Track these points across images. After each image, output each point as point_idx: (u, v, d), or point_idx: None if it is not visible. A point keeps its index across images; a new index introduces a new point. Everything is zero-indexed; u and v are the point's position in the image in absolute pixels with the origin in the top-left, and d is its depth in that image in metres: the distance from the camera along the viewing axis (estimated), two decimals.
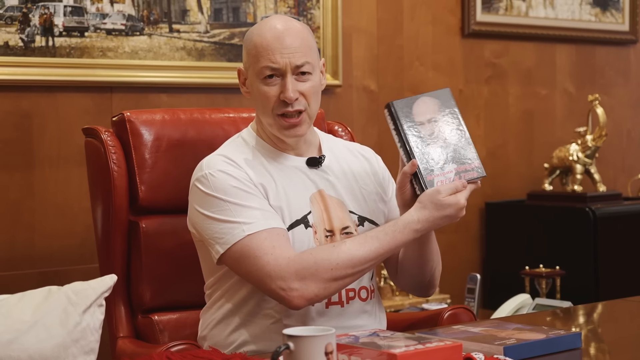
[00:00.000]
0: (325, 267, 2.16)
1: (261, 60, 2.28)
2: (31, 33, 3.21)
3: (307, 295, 2.16)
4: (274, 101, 2.28)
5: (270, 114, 2.30)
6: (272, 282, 2.17)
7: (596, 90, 4.63)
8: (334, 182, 2.39)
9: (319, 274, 2.16)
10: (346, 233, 2.35)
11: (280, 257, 2.17)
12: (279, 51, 2.27)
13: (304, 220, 2.30)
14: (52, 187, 3.28)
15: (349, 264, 2.17)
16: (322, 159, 2.40)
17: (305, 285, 2.16)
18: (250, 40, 2.33)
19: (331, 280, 2.17)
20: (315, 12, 3.79)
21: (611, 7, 4.72)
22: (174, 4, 3.50)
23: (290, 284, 2.16)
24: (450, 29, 4.25)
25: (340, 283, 2.19)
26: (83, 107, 3.33)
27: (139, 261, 2.59)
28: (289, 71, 2.27)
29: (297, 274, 2.16)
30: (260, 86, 2.30)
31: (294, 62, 2.28)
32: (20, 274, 3.19)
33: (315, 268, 2.16)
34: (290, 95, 2.26)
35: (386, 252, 2.20)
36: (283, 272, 2.16)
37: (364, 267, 2.19)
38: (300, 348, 1.72)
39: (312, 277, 2.16)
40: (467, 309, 2.64)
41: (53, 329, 1.86)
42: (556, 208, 4.16)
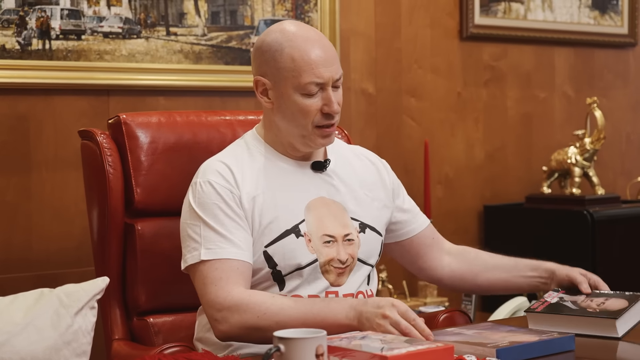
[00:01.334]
0: (254, 312, 2.16)
1: (305, 75, 2.25)
2: (28, 36, 3.21)
3: (225, 329, 2.18)
4: (314, 114, 2.28)
5: (308, 126, 2.29)
6: (208, 309, 2.22)
7: (595, 93, 4.62)
8: (338, 187, 2.39)
9: (246, 315, 2.16)
10: (348, 240, 2.35)
11: (222, 290, 2.19)
12: (322, 65, 2.26)
13: (295, 230, 2.29)
14: (49, 190, 3.28)
15: (274, 318, 2.14)
16: (328, 163, 2.40)
17: (230, 318, 2.17)
18: (281, 51, 2.28)
19: (253, 328, 2.15)
20: (313, 15, 3.80)
21: (610, 10, 4.72)
22: (172, 7, 3.50)
23: (219, 314, 2.18)
24: (448, 32, 4.25)
25: (261, 334, 2.15)
26: (80, 110, 3.33)
27: (135, 263, 2.59)
28: (330, 84, 2.28)
29: (228, 309, 2.18)
30: (299, 99, 2.28)
31: (335, 75, 2.29)
32: (16, 277, 3.19)
33: (245, 309, 2.17)
34: (336, 109, 2.28)
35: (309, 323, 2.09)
36: (218, 304, 2.19)
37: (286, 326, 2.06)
38: (291, 350, 1.72)
39: (240, 313, 2.17)
40: (463, 312, 2.64)
41: (45, 331, 1.86)
42: (554, 211, 4.16)
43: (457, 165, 4.29)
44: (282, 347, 1.73)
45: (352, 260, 2.34)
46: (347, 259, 2.32)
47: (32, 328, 1.86)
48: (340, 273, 2.32)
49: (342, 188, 2.38)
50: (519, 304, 3.59)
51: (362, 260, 2.36)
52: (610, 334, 2.17)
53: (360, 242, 2.36)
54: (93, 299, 1.96)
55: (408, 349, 1.83)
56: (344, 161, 2.45)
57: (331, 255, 2.30)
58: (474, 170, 4.34)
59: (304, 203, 2.33)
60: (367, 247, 2.38)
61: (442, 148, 4.23)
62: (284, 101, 2.30)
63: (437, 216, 4.10)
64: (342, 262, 2.32)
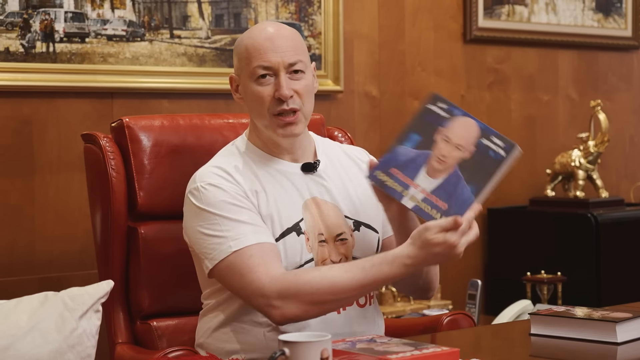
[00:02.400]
0: (307, 291, 2.14)
1: (253, 60, 2.28)
2: (32, 39, 3.21)
3: (287, 315, 2.16)
4: (268, 101, 2.28)
5: (265, 114, 2.29)
6: (255, 299, 2.18)
7: (599, 96, 4.62)
8: (330, 187, 2.38)
9: (300, 296, 2.15)
10: (341, 239, 2.34)
11: (264, 276, 2.16)
12: (271, 50, 2.28)
13: (296, 228, 2.29)
14: (53, 193, 3.28)
15: (329, 290, 2.14)
16: (317, 164, 2.39)
17: (286, 305, 2.15)
18: (241, 44, 2.34)
19: (311, 304, 2.15)
20: (316, 17, 3.79)
21: (614, 13, 4.72)
22: (175, 10, 3.51)
23: (272, 302, 2.15)
24: (452, 34, 4.25)
25: (321, 308, 2.17)
26: (84, 113, 3.33)
27: (138, 267, 2.59)
28: (282, 69, 2.28)
29: (279, 293, 2.15)
30: (253, 87, 2.30)
31: (287, 60, 2.28)
32: (20, 280, 3.19)
33: (297, 289, 2.15)
34: (285, 92, 2.27)
35: (371, 283, 2.15)
36: (266, 291, 2.15)
37: (346, 295, 2.16)
38: (296, 354, 1.72)
39: (293, 298, 2.15)
40: (467, 315, 2.63)
41: (49, 335, 1.86)
42: (558, 214, 4.15)
43: None
44: (287, 350, 1.73)
45: (345, 260, 2.33)
46: (340, 259, 2.32)
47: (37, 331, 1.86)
48: None
49: (334, 188, 2.38)
50: (523, 307, 3.59)
51: (356, 258, 2.35)
52: (610, 339, 2.16)
53: (355, 241, 2.36)
54: (97, 303, 1.96)
55: (413, 352, 1.83)
56: (335, 161, 2.44)
57: (324, 256, 2.31)
58: None
59: (300, 202, 2.33)
60: (363, 245, 2.37)
61: None
62: (246, 93, 2.34)
63: None
64: (335, 263, 2.31)
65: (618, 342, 2.15)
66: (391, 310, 3.67)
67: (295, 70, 2.29)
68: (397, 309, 3.72)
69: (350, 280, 2.14)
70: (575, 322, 2.22)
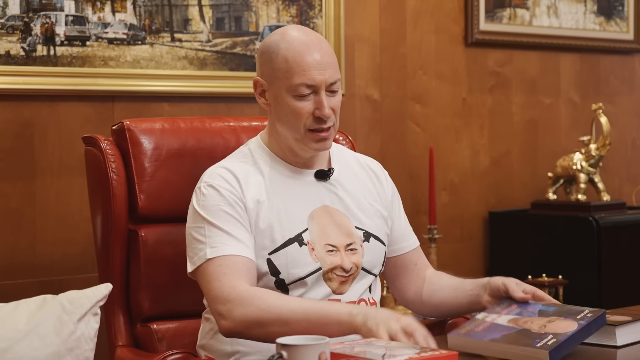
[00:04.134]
0: (257, 305, 2.13)
1: (296, 77, 2.25)
2: (33, 42, 3.22)
3: (228, 323, 2.15)
4: (306, 117, 2.27)
5: (300, 129, 2.28)
6: (212, 305, 2.19)
7: (601, 99, 4.62)
8: (342, 196, 2.38)
9: (249, 309, 2.13)
10: (351, 249, 2.34)
11: (226, 285, 2.17)
12: (314, 67, 2.26)
13: (298, 239, 2.29)
14: (54, 196, 3.29)
15: (276, 312, 2.11)
16: (331, 172, 2.39)
17: (233, 314, 2.14)
18: (277, 52, 2.29)
19: (256, 322, 2.12)
20: (317, 21, 3.80)
21: (615, 16, 4.72)
22: (176, 13, 3.51)
23: (223, 309, 2.15)
24: (453, 38, 4.25)
25: (264, 330, 2.12)
26: (85, 117, 3.34)
27: (138, 270, 2.59)
28: (324, 88, 2.27)
29: (232, 302, 2.15)
30: (292, 102, 2.28)
31: (329, 79, 2.27)
32: (21, 283, 3.19)
33: (249, 303, 2.14)
34: (327, 113, 2.26)
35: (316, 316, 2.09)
36: (222, 299, 2.16)
37: (289, 329, 2.06)
38: (294, 357, 1.72)
39: (242, 309, 2.13)
40: (468, 319, 2.62)
41: (47, 338, 1.87)
42: (560, 217, 4.15)
43: (462, 172, 4.29)
44: (284, 354, 1.73)
45: (356, 269, 2.33)
46: (351, 267, 2.32)
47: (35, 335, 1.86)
48: (343, 281, 2.31)
49: (346, 197, 2.38)
50: None
51: (365, 269, 2.36)
52: (610, 342, 2.16)
53: (365, 252, 2.36)
54: (96, 306, 1.96)
55: (410, 355, 1.83)
56: (348, 170, 2.44)
57: (335, 263, 2.30)
58: (479, 176, 4.33)
59: (307, 212, 2.32)
60: (371, 257, 2.38)
61: (447, 154, 4.23)
62: (279, 103, 2.31)
63: (442, 222, 4.11)
64: (346, 271, 2.31)
65: (618, 345, 2.15)
66: None
67: (333, 89, 2.29)
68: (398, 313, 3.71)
69: (300, 306, 2.12)
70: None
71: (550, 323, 2.09)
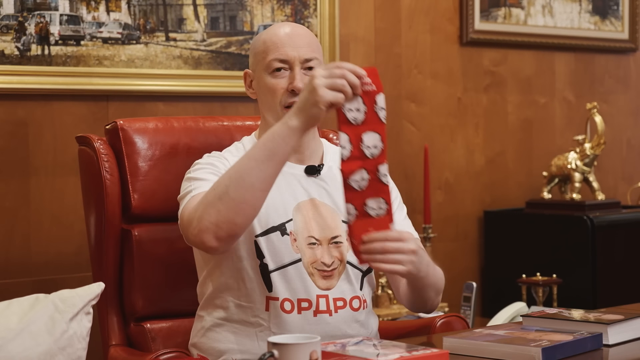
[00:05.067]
0: (209, 191, 2.14)
1: (270, 54, 2.34)
2: (27, 42, 3.22)
3: (203, 226, 2.12)
4: (281, 93, 2.33)
5: (277, 106, 2.33)
6: (186, 228, 2.19)
7: (596, 98, 4.62)
8: (330, 191, 2.39)
9: (206, 200, 2.13)
10: (335, 243, 2.34)
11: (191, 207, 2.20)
12: (288, 44, 2.34)
13: (281, 228, 2.30)
14: (48, 196, 3.29)
15: (227, 175, 2.13)
16: (321, 167, 2.40)
17: (200, 218, 2.13)
18: (258, 40, 2.40)
19: (216, 200, 2.10)
20: (312, 20, 3.80)
21: (610, 16, 4.72)
22: (171, 13, 3.51)
23: (192, 222, 2.15)
24: (448, 37, 4.25)
25: (226, 199, 2.09)
26: (79, 116, 3.34)
27: (132, 269, 2.59)
28: (298, 64, 2.33)
29: (195, 212, 2.15)
30: (268, 79, 2.35)
31: (303, 55, 2.34)
32: (15, 282, 3.19)
33: (204, 197, 2.15)
34: (299, 85, 2.30)
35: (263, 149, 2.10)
36: (192, 216, 2.16)
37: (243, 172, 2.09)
38: (285, 356, 1.72)
39: (202, 206, 2.13)
40: (460, 317, 2.63)
41: (40, 337, 1.86)
42: (555, 216, 4.15)
43: (457, 171, 4.29)
44: (275, 352, 1.73)
45: (339, 263, 2.33)
46: (332, 261, 2.32)
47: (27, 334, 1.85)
48: (327, 276, 2.31)
49: (335, 192, 2.38)
50: (518, 309, 3.59)
51: (352, 263, 2.35)
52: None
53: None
54: (88, 305, 1.96)
55: (402, 354, 1.83)
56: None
57: (314, 257, 2.31)
58: (474, 175, 4.34)
59: (293, 204, 2.34)
60: None
61: (442, 153, 4.23)
62: (260, 86, 2.38)
63: (437, 221, 4.11)
64: (327, 265, 2.31)
65: (609, 344, 2.15)
66: (387, 313, 3.68)
67: (310, 67, 2.34)
68: (392, 312, 3.72)
69: (245, 156, 2.13)
70: (566, 323, 2.22)
71: (546, 335, 2.10)
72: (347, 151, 2.02)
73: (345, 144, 2.02)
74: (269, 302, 2.28)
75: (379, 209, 2.06)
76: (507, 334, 2.13)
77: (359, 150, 2.03)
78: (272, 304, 2.28)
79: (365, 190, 2.04)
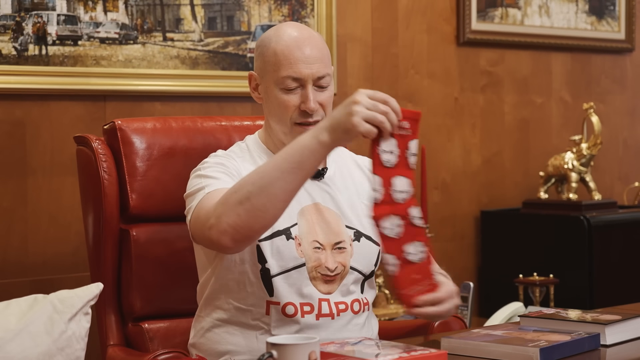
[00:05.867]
0: (230, 193, 2.11)
1: (282, 70, 2.28)
2: (24, 42, 3.22)
3: (222, 226, 2.09)
4: (292, 110, 2.29)
5: (287, 122, 2.30)
6: (202, 229, 2.16)
7: (592, 98, 4.63)
8: (334, 195, 2.38)
9: (226, 202, 2.10)
10: (339, 248, 2.34)
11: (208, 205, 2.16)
12: (301, 61, 2.27)
13: (286, 232, 2.29)
14: (45, 196, 3.29)
15: (249, 179, 2.09)
16: (325, 171, 2.39)
17: (220, 217, 2.10)
18: (268, 47, 2.32)
19: (237, 204, 2.07)
20: (309, 20, 3.80)
21: (607, 16, 4.73)
22: (168, 13, 3.51)
23: (211, 222, 2.12)
24: (445, 37, 4.26)
25: (247, 205, 2.06)
26: (76, 116, 3.34)
27: (130, 269, 2.59)
28: (310, 82, 2.28)
29: (214, 209, 2.12)
30: (279, 94, 2.30)
31: (316, 73, 2.28)
32: (12, 283, 3.19)
33: (225, 197, 2.11)
34: (312, 107, 2.27)
35: (289, 158, 2.06)
36: (210, 214, 2.13)
37: (268, 179, 2.06)
38: (284, 356, 1.72)
39: (222, 207, 2.10)
40: (458, 317, 2.63)
41: (38, 337, 1.86)
42: (551, 217, 4.16)
43: (454, 171, 4.30)
44: (274, 353, 1.73)
45: (342, 269, 2.33)
46: (336, 267, 2.32)
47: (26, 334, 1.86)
48: (329, 280, 2.31)
49: (339, 196, 2.38)
50: (515, 309, 3.59)
51: (355, 268, 2.35)
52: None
53: (354, 251, 2.36)
54: (87, 305, 1.96)
55: (401, 354, 1.83)
56: (345, 170, 2.45)
57: (319, 262, 2.30)
58: (471, 175, 4.34)
59: (298, 208, 2.33)
60: (362, 256, 2.37)
61: (439, 153, 4.23)
62: (268, 96, 2.33)
63: (434, 221, 4.11)
64: (331, 270, 2.31)
65: (607, 344, 2.16)
66: (384, 313, 3.68)
67: (322, 84, 2.30)
68: (390, 312, 3.72)
69: (270, 165, 2.09)
70: (564, 324, 2.22)
71: (544, 335, 2.10)
72: (379, 194, 2.00)
73: (378, 187, 2.00)
74: (269, 306, 2.28)
75: (420, 253, 2.05)
76: (505, 334, 2.13)
77: (389, 195, 2.01)
78: (272, 307, 2.27)
79: (402, 237, 2.03)
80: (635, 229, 4.22)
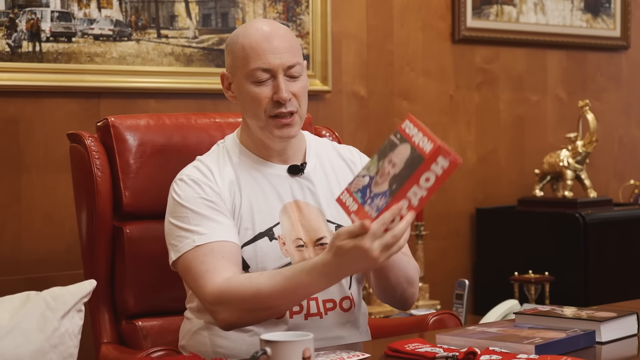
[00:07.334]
0: (236, 298, 2.14)
1: (251, 62, 2.27)
2: (18, 38, 3.21)
3: (225, 319, 2.16)
4: (266, 102, 2.27)
5: (261, 115, 2.28)
6: (203, 303, 2.22)
7: (587, 96, 4.62)
8: (315, 191, 2.37)
9: (232, 302, 2.14)
10: (321, 244, 2.32)
11: (209, 282, 2.17)
12: (270, 51, 2.26)
13: (268, 233, 2.28)
14: (39, 193, 3.28)
15: (255, 298, 2.12)
16: (304, 166, 2.38)
17: (222, 311, 2.15)
18: (236, 43, 2.31)
19: (243, 311, 2.14)
20: (304, 17, 3.79)
21: (602, 13, 4.72)
22: (162, 10, 3.50)
23: (212, 308, 2.17)
24: (440, 34, 4.25)
25: (253, 315, 2.15)
26: (70, 113, 3.33)
27: (123, 267, 2.58)
28: (281, 72, 2.27)
29: (216, 300, 2.16)
30: (251, 88, 2.28)
31: (286, 62, 2.27)
32: (6, 280, 3.18)
33: (229, 297, 2.14)
34: (284, 96, 2.26)
35: (293, 291, 2.10)
36: (207, 297, 2.17)
37: (273, 304, 2.12)
38: (278, 353, 1.72)
39: (226, 305, 2.15)
40: (453, 315, 2.63)
41: (31, 334, 1.86)
42: (547, 214, 4.15)
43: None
44: (268, 350, 1.72)
45: None
46: None
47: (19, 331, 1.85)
48: None
49: (319, 191, 2.36)
50: (510, 307, 3.58)
51: None
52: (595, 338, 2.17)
53: None
54: (80, 302, 1.95)
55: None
56: (326, 162, 2.43)
57: (303, 260, 2.27)
58: (466, 173, 4.34)
59: (279, 206, 2.32)
60: None
61: None
62: (241, 92, 2.32)
63: (429, 219, 4.11)
64: None
65: (602, 341, 2.15)
66: (379, 311, 3.67)
67: (293, 73, 2.29)
68: (385, 309, 3.71)
69: (272, 288, 2.10)
70: (559, 321, 2.22)
71: (539, 332, 2.10)
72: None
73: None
74: None
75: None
76: (500, 332, 2.12)
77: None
78: None
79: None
80: (630, 226, 4.22)
